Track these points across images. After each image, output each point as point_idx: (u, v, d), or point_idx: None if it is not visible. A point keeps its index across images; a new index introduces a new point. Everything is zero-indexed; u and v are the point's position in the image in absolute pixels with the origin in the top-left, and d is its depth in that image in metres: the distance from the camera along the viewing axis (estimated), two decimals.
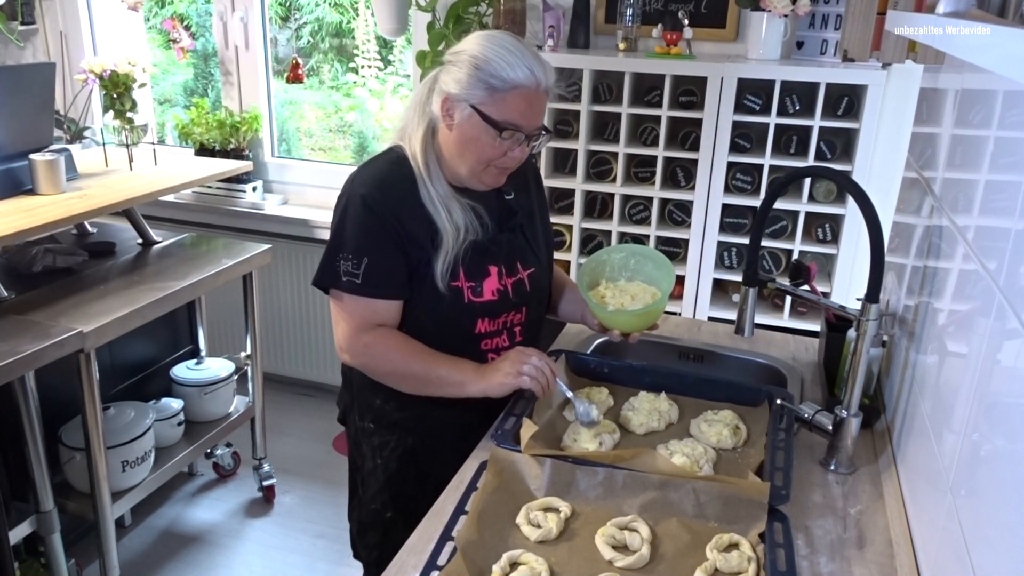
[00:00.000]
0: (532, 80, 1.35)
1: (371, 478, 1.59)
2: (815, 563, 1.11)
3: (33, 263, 2.26)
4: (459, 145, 1.40)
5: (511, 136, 1.37)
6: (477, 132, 1.37)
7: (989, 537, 0.80)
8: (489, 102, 1.35)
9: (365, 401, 1.56)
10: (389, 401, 1.53)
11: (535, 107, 1.38)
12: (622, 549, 1.11)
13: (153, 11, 3.62)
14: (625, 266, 1.60)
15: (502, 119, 1.35)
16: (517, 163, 1.43)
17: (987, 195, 0.99)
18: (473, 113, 1.36)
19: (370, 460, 1.58)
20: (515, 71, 1.33)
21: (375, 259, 1.39)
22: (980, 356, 0.91)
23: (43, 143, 2.35)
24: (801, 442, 1.39)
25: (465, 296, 1.44)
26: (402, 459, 1.55)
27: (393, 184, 1.41)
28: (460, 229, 1.41)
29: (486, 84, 1.34)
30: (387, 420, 1.55)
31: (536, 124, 1.39)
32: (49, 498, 2.05)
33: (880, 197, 1.60)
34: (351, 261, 1.39)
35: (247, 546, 2.58)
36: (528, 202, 1.58)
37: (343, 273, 1.39)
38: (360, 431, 1.59)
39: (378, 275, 1.40)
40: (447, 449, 1.47)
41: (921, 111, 1.71)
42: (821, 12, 2.40)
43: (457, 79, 1.36)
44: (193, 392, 2.60)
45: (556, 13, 2.53)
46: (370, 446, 1.58)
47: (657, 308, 1.50)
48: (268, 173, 3.40)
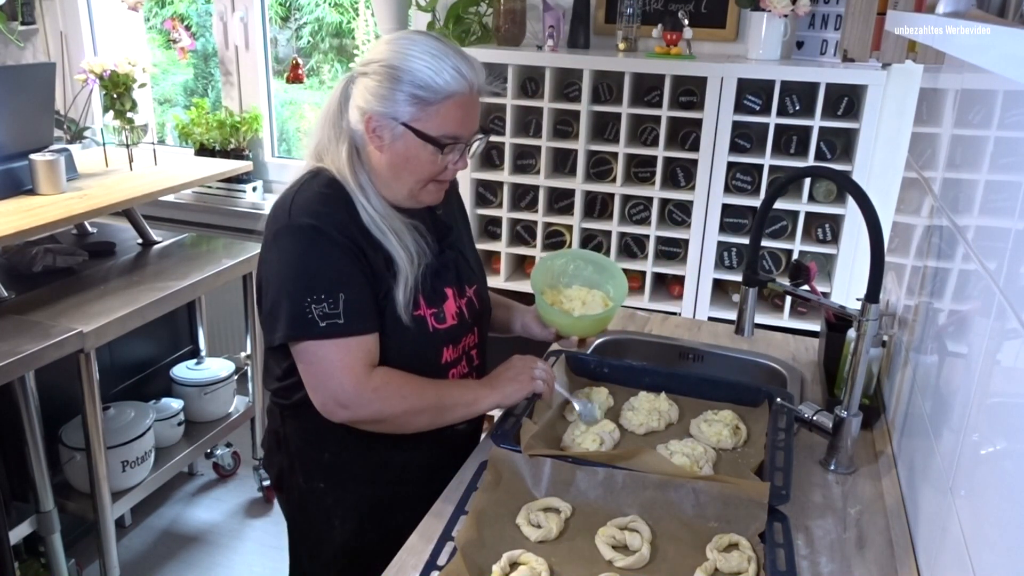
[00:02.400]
0: (463, 84, 1.22)
1: (325, 544, 1.42)
2: (815, 563, 1.11)
3: (33, 263, 2.26)
4: (393, 167, 1.26)
5: (451, 149, 1.26)
6: (414, 151, 1.24)
7: (989, 537, 0.80)
8: (422, 117, 1.22)
9: (310, 459, 1.38)
10: (341, 454, 1.36)
11: (471, 113, 1.26)
12: (622, 549, 1.11)
13: (153, 11, 3.62)
14: (564, 272, 1.59)
15: (440, 133, 1.23)
16: (455, 174, 1.33)
17: (987, 195, 0.99)
18: (406, 132, 1.23)
19: (322, 524, 1.41)
20: (442, 77, 1.20)
21: (351, 292, 1.22)
22: (980, 356, 0.91)
23: (43, 143, 2.35)
24: (801, 442, 1.39)
25: (429, 324, 1.32)
26: (363, 516, 1.39)
27: (337, 210, 1.25)
28: (413, 254, 1.28)
29: (414, 97, 1.21)
30: (341, 475, 1.38)
31: (474, 128, 1.29)
32: (49, 498, 2.05)
33: (880, 197, 1.60)
34: (326, 302, 1.20)
35: (247, 546, 2.58)
36: (452, 215, 1.46)
37: (319, 318, 1.20)
38: (306, 494, 1.40)
39: (360, 309, 1.23)
40: (414, 496, 1.32)
41: (921, 111, 1.71)
42: (821, 12, 2.40)
43: (378, 95, 1.22)
44: (193, 392, 2.60)
45: (556, 13, 2.53)
46: (321, 508, 1.40)
47: (611, 312, 1.51)
48: (268, 173, 3.40)
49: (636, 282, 2.61)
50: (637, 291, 2.60)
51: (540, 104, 2.48)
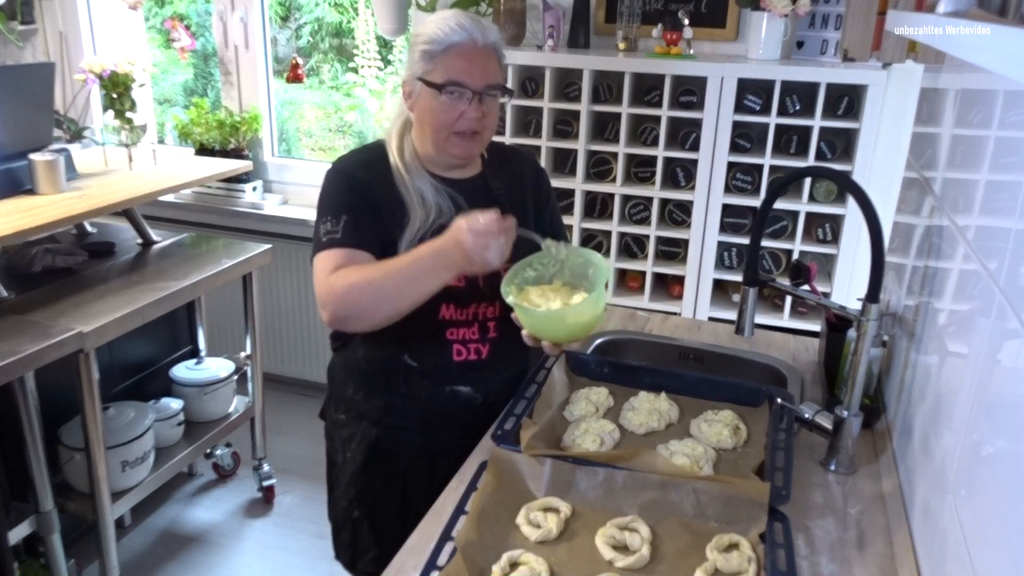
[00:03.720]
0: (466, 36, 1.36)
1: (341, 473, 1.58)
2: (815, 563, 1.11)
3: (33, 263, 2.26)
4: (420, 123, 1.42)
5: (456, 95, 1.37)
6: (428, 102, 1.38)
7: (989, 537, 0.80)
8: (431, 68, 1.37)
9: (340, 392, 1.57)
10: (358, 391, 1.52)
11: (476, 63, 1.37)
12: (622, 549, 1.11)
13: (153, 11, 3.62)
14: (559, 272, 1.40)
15: (444, 80, 1.36)
16: (476, 124, 1.39)
17: (987, 195, 0.99)
18: (422, 86, 1.38)
19: (340, 454, 1.57)
20: (445, 31, 1.36)
21: (353, 217, 1.38)
22: (980, 356, 0.91)
23: (43, 143, 2.35)
24: (801, 442, 1.39)
25: None
26: (368, 452, 1.52)
27: (367, 162, 1.45)
28: (430, 210, 1.41)
29: (424, 53, 1.37)
30: (356, 411, 1.54)
31: (483, 81, 1.38)
32: (49, 498, 2.05)
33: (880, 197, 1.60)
34: (330, 221, 1.38)
35: (247, 546, 2.58)
36: (521, 196, 1.54)
37: (323, 235, 1.38)
38: (333, 424, 1.59)
39: (358, 229, 1.38)
40: (412, 445, 1.47)
41: (921, 111, 1.71)
42: (821, 12, 2.40)
43: (408, 62, 1.42)
44: (193, 392, 2.60)
45: (556, 13, 2.53)
46: (340, 439, 1.57)
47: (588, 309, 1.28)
48: (268, 173, 3.40)
49: (636, 282, 2.62)
50: (637, 291, 2.60)
51: (540, 104, 2.48)
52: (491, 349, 1.49)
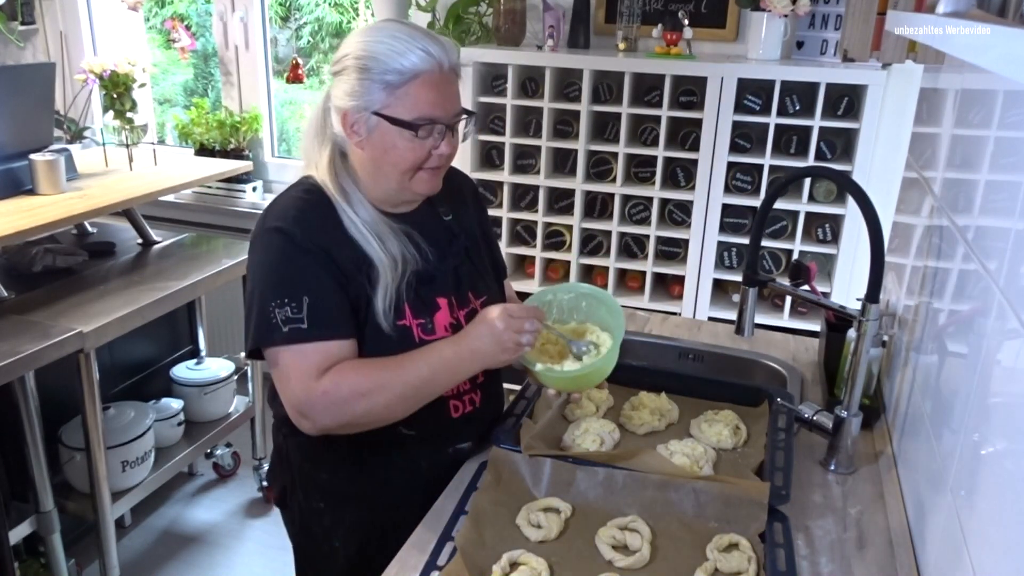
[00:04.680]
0: (431, 62, 1.17)
1: (328, 562, 1.37)
2: (815, 563, 1.11)
3: (33, 263, 2.26)
4: (375, 161, 1.22)
5: (429, 132, 1.20)
6: (391, 139, 1.19)
7: (989, 537, 0.80)
8: (392, 102, 1.18)
9: (309, 478, 1.34)
10: (338, 473, 1.32)
11: (445, 91, 1.20)
12: (622, 549, 1.11)
13: (153, 11, 3.62)
14: (576, 308, 1.37)
15: (413, 116, 1.18)
16: (448, 159, 1.25)
17: (987, 195, 0.99)
18: (379, 120, 1.18)
19: (323, 544, 1.36)
20: (407, 58, 1.16)
21: (316, 297, 1.17)
22: (980, 356, 0.91)
23: (43, 143, 2.35)
24: (801, 442, 1.39)
25: (415, 335, 1.25)
26: (362, 538, 1.33)
27: (310, 215, 1.22)
28: (397, 259, 1.23)
29: (381, 83, 1.17)
30: (337, 496, 1.33)
31: (453, 110, 1.22)
32: (49, 498, 2.05)
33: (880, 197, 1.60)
34: (289, 306, 1.16)
35: (247, 546, 2.58)
36: (469, 222, 1.40)
37: (282, 323, 1.16)
38: (307, 513, 1.36)
39: (326, 313, 1.18)
40: (416, 523, 1.21)
41: (921, 111, 1.71)
42: (821, 12, 2.40)
43: (350, 90, 1.19)
44: (193, 392, 2.60)
45: (556, 13, 2.53)
46: (321, 527, 1.35)
47: (603, 366, 1.27)
48: (268, 173, 3.40)
49: (636, 282, 2.62)
50: (637, 291, 2.60)
51: (540, 104, 2.48)
52: (483, 395, 1.36)
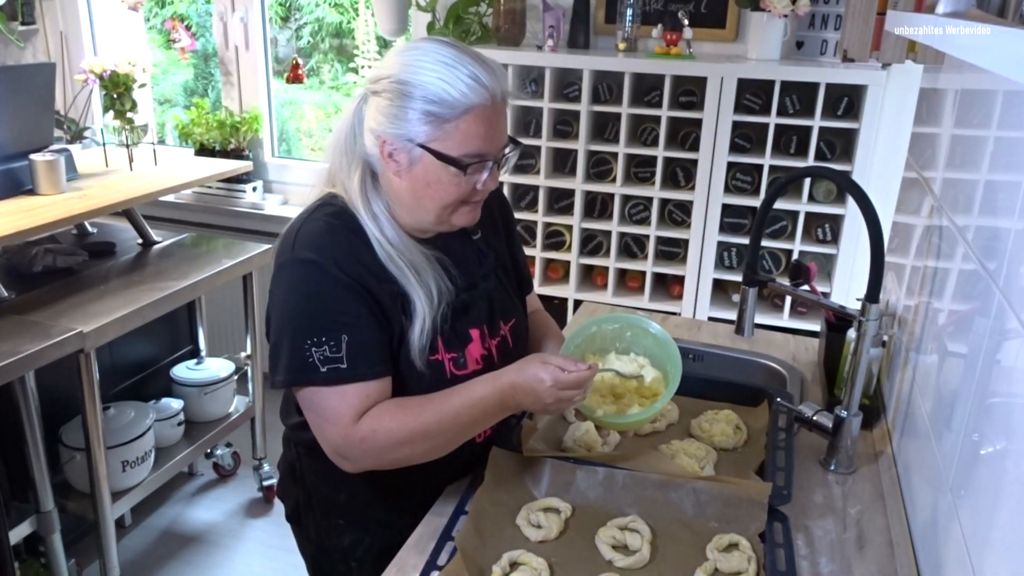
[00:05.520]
0: (484, 95, 1.08)
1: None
2: (815, 563, 1.11)
3: (33, 263, 2.26)
4: (415, 193, 1.14)
5: (477, 169, 1.13)
6: (435, 174, 1.11)
7: (989, 537, 0.80)
8: (440, 136, 1.09)
9: (327, 498, 1.30)
10: (357, 496, 1.28)
11: (496, 125, 1.12)
12: (622, 549, 1.11)
13: (153, 11, 3.62)
14: (620, 337, 1.31)
15: (462, 153, 1.10)
16: (486, 195, 1.19)
17: (987, 195, 0.99)
18: (424, 154, 1.10)
19: (341, 564, 1.32)
20: (458, 89, 1.07)
21: (355, 333, 1.11)
22: (980, 356, 0.91)
23: (43, 143, 2.35)
24: (801, 442, 1.39)
25: (447, 370, 1.19)
26: (380, 557, 1.24)
27: (343, 244, 1.14)
28: (433, 294, 1.16)
29: (429, 115, 1.08)
30: (356, 516, 1.30)
31: (502, 143, 1.15)
32: (49, 498, 2.05)
33: (880, 197, 1.60)
34: (327, 345, 1.10)
35: (247, 546, 2.58)
36: (498, 240, 1.33)
37: (320, 362, 1.10)
38: (325, 530, 1.32)
39: (365, 351, 1.12)
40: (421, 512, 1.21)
41: (921, 111, 1.71)
42: (821, 12, 2.40)
43: (390, 115, 1.10)
44: (193, 392, 2.60)
45: (556, 13, 2.53)
46: (339, 548, 1.31)
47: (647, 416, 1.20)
48: (268, 173, 3.40)
49: (636, 282, 2.62)
50: (637, 291, 2.60)
51: (540, 104, 2.48)
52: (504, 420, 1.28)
